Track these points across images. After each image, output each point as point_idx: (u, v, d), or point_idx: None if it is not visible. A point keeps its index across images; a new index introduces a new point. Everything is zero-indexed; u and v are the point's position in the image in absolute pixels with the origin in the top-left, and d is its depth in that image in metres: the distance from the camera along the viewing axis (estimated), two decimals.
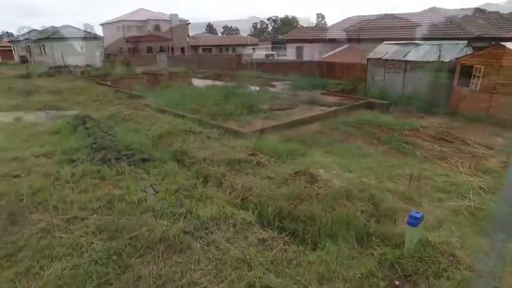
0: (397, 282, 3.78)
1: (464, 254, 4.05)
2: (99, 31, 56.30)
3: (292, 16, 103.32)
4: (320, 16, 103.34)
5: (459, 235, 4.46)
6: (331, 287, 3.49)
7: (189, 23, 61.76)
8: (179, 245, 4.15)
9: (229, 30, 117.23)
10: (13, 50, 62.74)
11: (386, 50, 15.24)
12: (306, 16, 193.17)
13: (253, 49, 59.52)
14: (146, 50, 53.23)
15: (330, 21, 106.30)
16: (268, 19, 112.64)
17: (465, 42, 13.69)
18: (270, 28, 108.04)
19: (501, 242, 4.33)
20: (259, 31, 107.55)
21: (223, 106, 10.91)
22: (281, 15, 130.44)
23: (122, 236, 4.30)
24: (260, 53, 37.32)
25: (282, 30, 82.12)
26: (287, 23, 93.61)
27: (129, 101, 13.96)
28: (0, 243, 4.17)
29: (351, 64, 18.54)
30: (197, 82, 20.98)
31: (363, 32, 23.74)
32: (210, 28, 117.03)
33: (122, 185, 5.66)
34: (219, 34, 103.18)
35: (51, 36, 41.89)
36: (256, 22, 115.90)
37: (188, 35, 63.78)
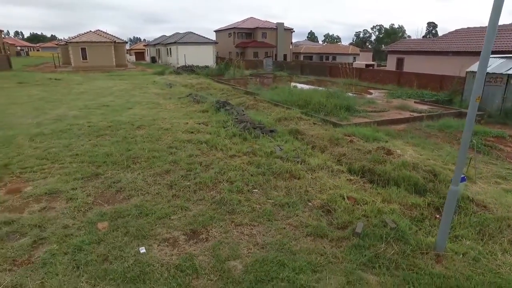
0: (437, 215, 5.86)
1: (493, 207, 5.84)
2: (213, 37, 64.38)
3: (399, 26, 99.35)
4: (431, 25, 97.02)
5: (497, 198, 6.20)
6: (388, 204, 5.78)
7: (293, 31, 65.47)
8: (298, 175, 6.90)
9: (330, 38, 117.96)
10: (145, 52, 76.11)
11: (488, 63, 15.72)
12: (415, 25, 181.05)
13: (354, 58, 60.32)
14: (252, 55, 58.95)
15: (442, 30, 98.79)
16: (372, 28, 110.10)
17: None
18: (373, 37, 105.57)
19: None
20: (361, 40, 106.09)
21: (325, 104, 13.43)
22: (386, 24, 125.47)
23: (263, 167, 7.26)
24: (360, 63, 38.51)
25: (386, 40, 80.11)
26: (392, 33, 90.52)
27: (246, 96, 17.56)
28: (200, 160, 7.59)
29: (450, 77, 19.08)
30: (299, 86, 23.87)
31: (466, 44, 23.52)
32: (311, 35, 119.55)
33: (259, 143, 8.76)
34: (320, 42, 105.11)
35: (178, 40, 49.82)
36: (359, 31, 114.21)
37: (291, 42, 67.67)
